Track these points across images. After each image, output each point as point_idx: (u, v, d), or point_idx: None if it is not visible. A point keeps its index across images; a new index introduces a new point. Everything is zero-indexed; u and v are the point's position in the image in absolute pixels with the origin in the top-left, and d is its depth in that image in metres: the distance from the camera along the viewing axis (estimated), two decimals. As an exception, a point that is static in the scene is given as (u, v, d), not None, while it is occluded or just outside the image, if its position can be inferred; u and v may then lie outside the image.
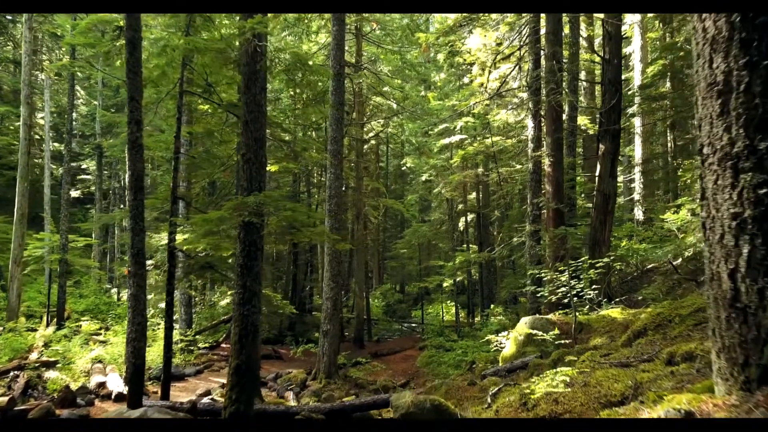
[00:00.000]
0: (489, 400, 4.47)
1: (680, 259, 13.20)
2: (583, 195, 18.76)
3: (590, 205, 18.85)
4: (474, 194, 23.72)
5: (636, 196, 19.97)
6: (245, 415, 5.79)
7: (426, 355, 16.47)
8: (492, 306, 23.45)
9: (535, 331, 7.54)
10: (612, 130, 11.06)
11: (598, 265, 7.56)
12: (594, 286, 8.11)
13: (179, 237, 8.42)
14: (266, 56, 6.91)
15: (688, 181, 14.55)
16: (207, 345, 16.29)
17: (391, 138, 30.55)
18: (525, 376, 6.59)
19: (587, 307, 8.54)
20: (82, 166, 30.63)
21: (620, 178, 21.54)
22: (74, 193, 28.26)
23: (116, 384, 10.17)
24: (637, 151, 19.76)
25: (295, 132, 14.17)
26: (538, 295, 8.67)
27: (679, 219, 7.49)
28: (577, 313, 7.26)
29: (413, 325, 25.34)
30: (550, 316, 7.85)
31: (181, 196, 8.40)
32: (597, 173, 11.58)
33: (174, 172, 8.39)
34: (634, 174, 20.36)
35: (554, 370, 3.46)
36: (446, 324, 22.55)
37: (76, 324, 17.33)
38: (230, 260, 8.93)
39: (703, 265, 2.71)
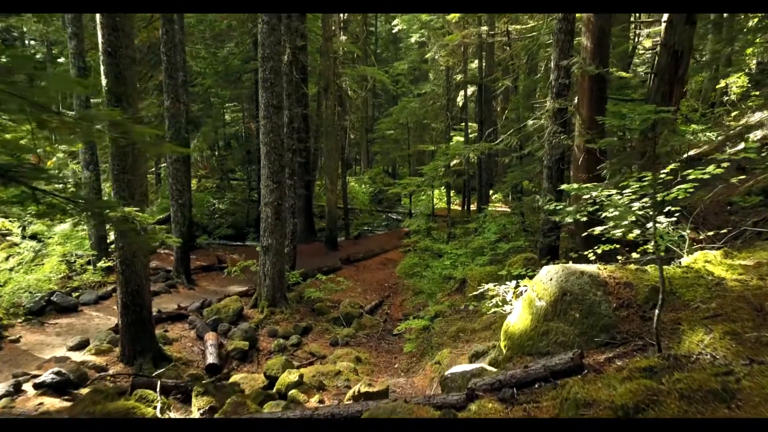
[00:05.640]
0: None
1: (742, 146, 9.56)
2: (613, 60, 14.52)
3: (624, 74, 14.69)
4: (476, 62, 19.26)
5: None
6: None
7: (408, 262, 13.58)
8: (491, 193, 20.32)
9: (568, 296, 4.23)
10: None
11: (692, 176, 3.94)
12: (669, 209, 4.63)
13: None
14: None
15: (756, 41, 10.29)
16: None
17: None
18: (552, 402, 3.38)
19: (652, 243, 5.12)
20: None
21: (648, 42, 16.95)
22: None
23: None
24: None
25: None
26: (567, 220, 5.19)
27: None
28: (653, 269, 3.86)
29: (401, 216, 22.38)
30: (595, 268, 4.46)
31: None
32: (664, 18, 7.48)
33: None
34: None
35: None
36: (437, 213, 19.58)
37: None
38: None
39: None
